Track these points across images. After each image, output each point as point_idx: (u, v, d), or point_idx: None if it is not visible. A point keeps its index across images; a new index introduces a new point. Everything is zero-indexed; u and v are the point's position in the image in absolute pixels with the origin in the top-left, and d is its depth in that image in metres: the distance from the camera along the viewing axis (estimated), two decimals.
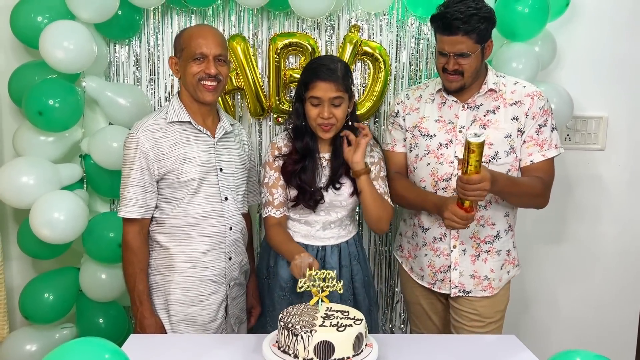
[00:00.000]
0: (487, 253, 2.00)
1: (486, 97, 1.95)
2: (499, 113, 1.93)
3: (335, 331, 1.37)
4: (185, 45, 1.81)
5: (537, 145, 1.93)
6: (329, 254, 1.99)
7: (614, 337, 2.69)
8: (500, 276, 2.03)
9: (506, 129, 1.92)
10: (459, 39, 1.82)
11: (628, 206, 2.63)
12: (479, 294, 2.01)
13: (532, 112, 1.91)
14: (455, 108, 1.97)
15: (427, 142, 2.00)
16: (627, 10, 2.49)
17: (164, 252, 1.87)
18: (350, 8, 2.44)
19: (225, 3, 2.40)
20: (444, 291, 2.05)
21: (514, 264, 2.08)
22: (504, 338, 1.76)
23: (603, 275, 2.68)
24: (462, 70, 1.86)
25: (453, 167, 1.94)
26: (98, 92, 2.26)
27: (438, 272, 2.04)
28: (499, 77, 1.99)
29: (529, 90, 1.94)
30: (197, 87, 1.81)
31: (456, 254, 2.00)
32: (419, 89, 2.11)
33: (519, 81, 1.98)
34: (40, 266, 2.47)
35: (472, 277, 2.01)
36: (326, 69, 1.84)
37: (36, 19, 2.14)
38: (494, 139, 1.91)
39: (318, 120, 1.85)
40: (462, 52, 1.83)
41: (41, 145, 2.21)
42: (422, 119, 2.02)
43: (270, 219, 1.96)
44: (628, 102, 2.56)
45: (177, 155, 1.82)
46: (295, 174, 1.92)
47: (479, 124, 1.94)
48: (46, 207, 2.09)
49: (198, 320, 1.89)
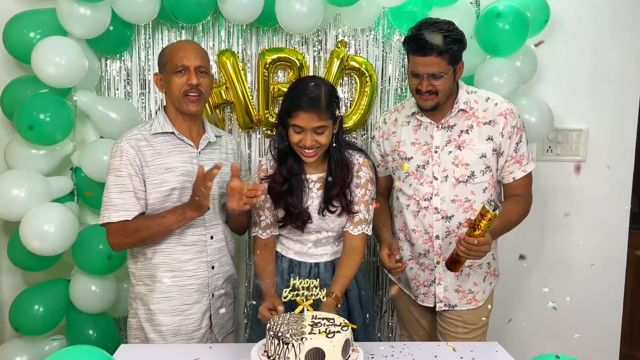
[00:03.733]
0: (470, 268, 2.05)
1: (458, 117, 1.98)
2: (473, 133, 1.97)
3: (325, 338, 1.39)
4: (168, 59, 1.86)
5: (517, 162, 2.00)
6: (322, 270, 1.97)
7: (598, 345, 2.74)
8: (484, 288, 2.10)
9: (481, 149, 1.96)
10: (432, 60, 1.84)
11: (609, 215, 2.69)
12: (464, 307, 2.08)
13: (508, 132, 1.95)
14: (430, 129, 2.01)
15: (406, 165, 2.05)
16: (605, 25, 2.58)
17: (147, 262, 1.90)
18: (337, 24, 2.50)
19: (215, 19, 2.45)
20: (427, 304, 2.11)
21: (495, 274, 2.14)
22: (487, 345, 1.80)
23: (585, 284, 2.72)
24: (435, 90, 1.88)
25: (433, 187, 1.99)
26: (89, 106, 2.30)
27: (422, 285, 2.11)
28: (470, 93, 2.01)
29: (500, 108, 1.96)
30: (182, 100, 1.85)
31: (440, 270, 2.05)
32: (395, 111, 2.14)
33: (490, 97, 2.01)
34: (31, 278, 2.48)
35: (457, 291, 2.07)
36: (308, 98, 1.78)
37: (29, 35, 2.18)
38: (470, 159, 1.96)
39: (300, 145, 1.82)
40: (435, 72, 1.85)
41: (32, 158, 2.23)
42: (400, 143, 2.06)
43: (257, 239, 1.97)
44: (607, 115, 2.63)
45: (159, 165, 1.85)
46: (281, 195, 1.90)
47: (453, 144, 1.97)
48: (36, 219, 2.11)
49: (182, 329, 1.90)
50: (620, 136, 2.65)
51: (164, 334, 1.89)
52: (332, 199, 1.89)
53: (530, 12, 2.31)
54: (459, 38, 1.88)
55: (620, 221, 2.70)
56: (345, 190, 1.90)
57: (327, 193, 1.90)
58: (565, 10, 2.51)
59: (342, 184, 1.89)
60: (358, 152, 1.98)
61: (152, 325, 1.90)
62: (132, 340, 1.95)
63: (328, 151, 1.89)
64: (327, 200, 1.89)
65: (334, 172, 1.89)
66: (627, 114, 2.64)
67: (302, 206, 1.90)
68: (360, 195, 1.92)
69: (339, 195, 1.89)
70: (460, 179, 1.97)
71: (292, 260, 1.99)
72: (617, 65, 2.60)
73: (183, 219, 1.82)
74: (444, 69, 1.86)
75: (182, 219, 1.82)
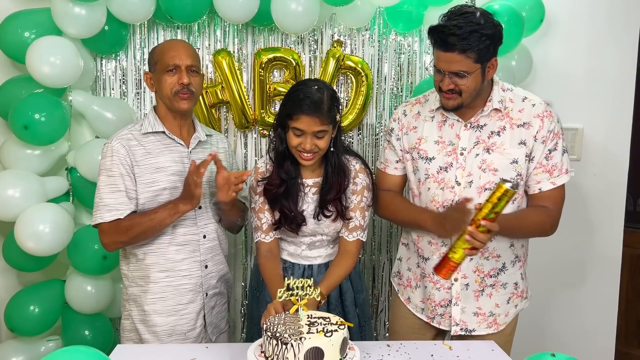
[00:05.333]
0: (492, 287, 1.85)
1: (490, 116, 1.78)
2: (505, 135, 1.76)
3: (323, 337, 1.39)
4: (158, 58, 1.85)
5: (547, 172, 1.78)
6: (316, 272, 1.96)
7: (593, 343, 2.75)
8: (506, 311, 1.89)
9: (512, 154, 1.76)
10: (454, 57, 1.62)
11: (604, 214, 2.70)
12: (483, 331, 1.87)
13: (542, 136, 1.75)
14: (457, 127, 1.81)
15: (426, 166, 1.84)
16: (600, 25, 2.58)
17: (140, 263, 1.89)
18: (332, 24, 2.50)
19: (210, 18, 2.45)
20: (443, 327, 1.92)
21: (522, 296, 1.92)
22: (483, 344, 1.79)
23: (580, 282, 2.73)
24: (459, 90, 1.68)
25: (454, 193, 1.79)
26: (85, 106, 2.30)
27: (438, 306, 1.89)
28: (506, 91, 1.81)
29: (538, 110, 1.76)
30: (172, 98, 1.85)
31: (457, 288, 1.85)
32: (417, 103, 1.93)
33: (527, 96, 1.80)
34: (26, 278, 2.47)
35: (476, 314, 1.86)
36: (311, 101, 1.74)
37: (23, 35, 2.17)
38: (499, 164, 1.76)
39: (299, 148, 1.79)
40: (458, 71, 1.64)
41: (27, 159, 2.23)
42: (421, 140, 1.86)
43: (261, 244, 1.92)
44: (602, 114, 2.64)
45: (150, 164, 1.84)
46: (277, 198, 1.88)
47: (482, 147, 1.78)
48: (31, 219, 2.11)
49: (177, 329, 1.90)
50: (615, 135, 2.65)
51: (158, 335, 1.89)
52: (327, 203, 1.87)
53: (525, 11, 2.32)
54: (489, 33, 1.62)
55: (616, 220, 2.71)
56: (341, 195, 1.88)
57: (322, 197, 1.88)
58: (560, 9, 2.52)
59: (338, 188, 1.87)
60: (355, 158, 1.95)
61: (147, 326, 1.89)
62: (126, 342, 1.94)
63: (325, 156, 1.87)
64: (322, 205, 1.88)
65: (331, 176, 1.87)
66: (622, 113, 2.64)
67: (297, 209, 1.89)
68: (356, 202, 1.90)
69: (334, 201, 1.87)
70: (487, 186, 1.76)
71: (285, 261, 1.98)
72: (612, 65, 2.61)
73: (176, 213, 1.81)
74: (469, 68, 1.64)
75: (175, 213, 1.81)
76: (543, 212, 1.79)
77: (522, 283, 1.91)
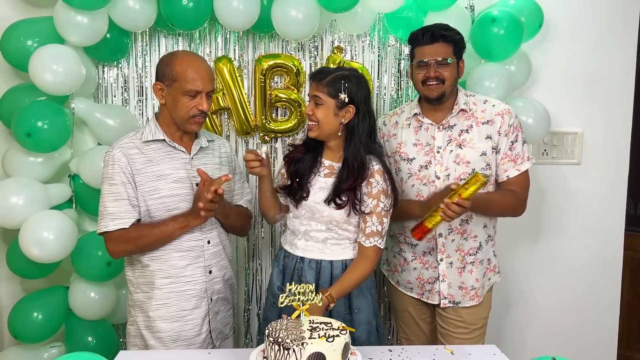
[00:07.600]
0: (472, 264, 2.12)
1: (458, 117, 2.06)
2: (473, 132, 2.05)
3: (325, 342, 1.40)
4: (178, 77, 1.80)
5: (511, 160, 2.06)
6: (306, 268, 1.96)
7: (595, 346, 2.75)
8: (483, 284, 2.15)
9: (481, 147, 2.04)
10: (439, 47, 1.96)
11: (604, 218, 2.71)
12: (467, 303, 2.13)
13: (504, 130, 2.03)
14: (432, 130, 2.08)
15: (408, 166, 2.10)
16: (599, 29, 2.60)
17: (145, 269, 1.90)
18: (333, 30, 2.52)
19: (211, 26, 2.47)
20: (431, 301, 2.16)
21: (494, 271, 2.20)
22: (485, 348, 1.80)
23: (581, 286, 2.74)
24: (442, 78, 1.97)
25: (435, 186, 2.05)
26: (87, 113, 2.31)
27: (426, 283, 2.15)
28: (469, 96, 2.11)
29: (498, 109, 2.05)
30: (187, 121, 1.85)
31: (443, 267, 2.11)
32: (394, 115, 2.20)
33: (488, 99, 2.10)
34: (29, 285, 2.48)
35: (460, 288, 2.12)
36: (319, 70, 1.96)
37: (26, 43, 2.19)
38: (470, 157, 2.04)
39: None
40: (443, 57, 1.96)
41: (30, 166, 2.24)
42: (401, 144, 2.12)
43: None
44: (602, 118, 2.65)
45: (151, 172, 1.85)
46: (294, 161, 1.99)
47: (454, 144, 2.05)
48: (35, 226, 2.12)
49: (182, 335, 1.91)
50: (614, 139, 2.67)
51: (164, 341, 1.89)
52: (341, 192, 1.89)
53: (524, 17, 2.33)
54: (460, 34, 2.02)
55: (616, 223, 2.72)
56: (356, 187, 1.88)
57: (337, 185, 1.89)
58: (559, 14, 2.54)
59: (354, 179, 1.87)
60: (376, 159, 1.93)
61: (152, 332, 1.90)
62: (131, 347, 1.95)
63: (347, 143, 1.90)
64: (336, 192, 1.89)
65: (351, 163, 1.89)
66: (622, 116, 2.66)
67: (306, 180, 1.96)
68: (372, 206, 1.89)
69: (348, 191, 1.88)
70: (462, 177, 2.01)
71: (284, 250, 2.02)
72: (611, 69, 2.62)
73: (186, 226, 1.84)
74: (450, 56, 1.97)
75: (185, 226, 1.84)
76: (512, 194, 2.07)
77: (494, 259, 2.20)
